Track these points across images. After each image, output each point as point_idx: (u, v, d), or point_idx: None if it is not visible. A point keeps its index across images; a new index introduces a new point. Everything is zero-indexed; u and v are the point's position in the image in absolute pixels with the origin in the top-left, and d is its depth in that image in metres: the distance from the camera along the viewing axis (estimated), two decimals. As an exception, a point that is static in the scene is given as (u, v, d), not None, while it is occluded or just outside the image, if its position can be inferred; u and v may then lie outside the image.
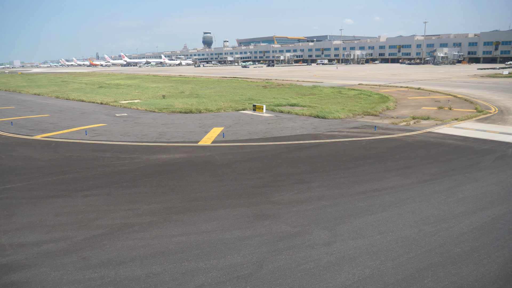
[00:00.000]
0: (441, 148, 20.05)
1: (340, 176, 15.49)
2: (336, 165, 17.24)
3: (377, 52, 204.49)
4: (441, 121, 28.47)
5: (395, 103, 39.58)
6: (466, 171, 15.95)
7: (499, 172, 15.66)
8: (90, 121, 32.02)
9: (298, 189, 13.98)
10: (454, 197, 12.96)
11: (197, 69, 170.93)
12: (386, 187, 14.05)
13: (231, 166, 17.30)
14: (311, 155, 19.08)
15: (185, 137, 24.20)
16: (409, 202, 12.56)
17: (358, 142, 21.82)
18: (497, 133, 23.70)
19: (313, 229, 10.71)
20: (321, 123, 28.59)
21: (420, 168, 16.51)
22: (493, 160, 17.60)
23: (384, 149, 20.06)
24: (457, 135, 23.47)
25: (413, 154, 19.00)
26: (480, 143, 21.04)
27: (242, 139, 23.29)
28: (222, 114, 34.93)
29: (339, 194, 13.39)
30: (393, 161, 17.65)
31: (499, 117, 29.74)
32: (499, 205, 12.19)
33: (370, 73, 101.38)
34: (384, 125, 27.49)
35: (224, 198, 13.29)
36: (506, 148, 19.78)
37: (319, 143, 21.90)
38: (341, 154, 19.25)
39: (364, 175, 15.63)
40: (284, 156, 19.08)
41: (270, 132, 25.56)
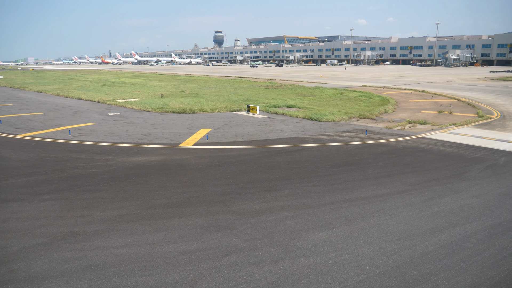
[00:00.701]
0: (429, 156, 19.05)
1: (313, 184, 14.66)
2: (313, 171, 16.41)
3: (388, 53, 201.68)
4: (438, 126, 27.37)
5: (394, 106, 38.46)
6: (449, 181, 14.98)
7: (485, 184, 14.65)
8: (80, 120, 31.66)
9: (264, 198, 13.21)
10: (428, 210, 12.05)
11: (206, 68, 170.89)
12: (358, 198, 13.19)
13: (203, 171, 16.60)
14: (290, 160, 18.28)
15: (168, 139, 23.60)
16: (378, 215, 11.70)
17: (344, 147, 20.93)
18: (493, 140, 22.56)
19: (265, 243, 9.95)
20: (312, 126, 27.72)
21: (401, 177, 15.59)
22: (482, 169, 16.57)
23: (369, 155, 19.15)
24: (451, 141, 22.41)
25: (398, 161, 18.06)
26: (472, 151, 19.97)
27: (225, 142, 22.59)
28: (215, 114, 34.27)
29: (306, 205, 12.58)
30: (374, 169, 16.74)
31: (500, 122, 28.48)
32: (475, 220, 11.25)
33: (377, 75, 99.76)
34: (377, 129, 26.52)
35: (184, 205, 12.59)
36: (499, 157, 18.70)
37: (303, 147, 21.07)
38: (323, 159, 18.40)
39: (339, 183, 14.78)
40: (262, 160, 18.32)
41: (257, 134, 24.81)
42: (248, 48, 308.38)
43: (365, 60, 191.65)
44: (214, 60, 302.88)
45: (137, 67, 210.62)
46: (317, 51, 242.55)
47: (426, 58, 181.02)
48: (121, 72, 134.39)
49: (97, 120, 31.20)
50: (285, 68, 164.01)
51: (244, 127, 27.77)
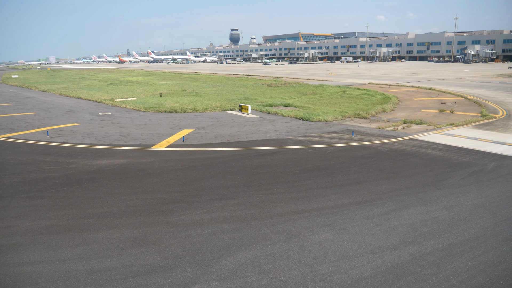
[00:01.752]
0: (412, 160, 17.58)
1: (271, 192, 13.50)
2: (277, 177, 15.23)
3: (405, 49, 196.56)
4: (434, 126, 25.68)
5: (395, 104, 36.72)
6: (422, 189, 13.56)
7: (461, 193, 13.18)
8: (68, 120, 31.26)
9: (210, 208, 12.14)
10: (385, 225, 10.74)
11: (218, 66, 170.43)
12: (313, 209, 11.96)
13: (161, 176, 15.65)
14: (259, 164, 17.13)
15: (144, 140, 22.78)
16: (326, 230, 10.47)
17: (323, 150, 19.64)
18: (488, 142, 20.84)
19: (184, 262, 8.88)
20: (300, 127, 26.45)
21: (371, 184, 14.25)
22: (464, 176, 15.05)
23: (346, 159, 17.81)
24: (442, 143, 20.80)
25: (375, 166, 16.67)
26: (462, 154, 18.37)
27: (201, 144, 21.61)
28: (206, 114, 33.36)
29: (251, 216, 11.44)
30: (345, 175, 15.43)
31: (503, 122, 26.54)
32: (434, 238, 9.89)
33: (390, 72, 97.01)
34: (367, 129, 25.06)
35: (120, 215, 11.65)
36: (489, 161, 17.08)
37: (279, 150, 19.88)
38: (294, 164, 17.18)
39: (299, 191, 13.57)
40: (229, 164, 17.23)
41: (239, 135, 23.74)
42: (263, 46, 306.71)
43: (381, 57, 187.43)
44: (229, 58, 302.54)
45: (151, 66, 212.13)
46: (332, 48, 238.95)
47: (444, 55, 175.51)
48: (133, 71, 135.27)
49: (84, 120, 30.71)
50: (298, 65, 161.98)
51: (229, 127, 26.74)
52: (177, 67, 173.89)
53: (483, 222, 10.82)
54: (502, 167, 16.16)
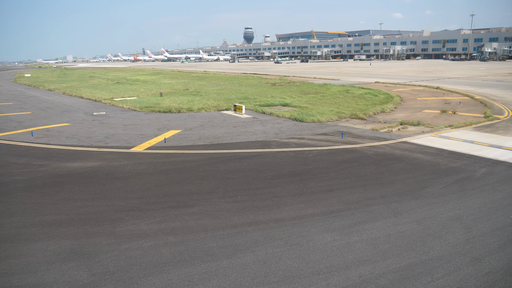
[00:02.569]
0: (397, 165, 16.50)
1: (234, 200, 12.68)
2: (247, 183, 14.40)
3: (420, 47, 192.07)
4: (431, 128, 24.43)
5: (396, 104, 35.39)
6: (397, 199, 12.53)
7: (439, 203, 12.11)
8: (60, 120, 31.05)
9: (163, 216, 11.40)
10: (343, 240, 9.81)
11: (230, 65, 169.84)
12: (272, 219, 11.10)
13: (127, 180, 14.99)
14: (233, 169, 16.32)
15: (127, 141, 22.23)
16: (277, 245, 9.60)
17: (305, 153, 18.70)
18: (485, 146, 19.55)
19: (111, 280, 8.17)
20: (291, 128, 25.52)
21: (343, 192, 13.28)
22: (448, 184, 13.93)
23: (326, 164, 16.84)
24: (434, 146, 19.61)
25: (355, 171, 15.67)
26: (453, 159, 17.19)
27: (183, 146, 20.93)
28: (199, 114, 32.71)
29: (203, 227, 10.65)
30: (320, 181, 14.50)
31: (506, 124, 25.07)
32: (393, 257, 8.93)
33: (401, 70, 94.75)
34: (360, 131, 23.97)
35: (67, 224, 11.02)
36: (479, 167, 15.87)
37: (260, 153, 19.02)
38: (270, 168, 16.31)
39: (264, 199, 12.71)
40: (202, 169, 16.47)
41: (224, 137, 22.98)
42: (276, 44, 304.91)
43: (395, 55, 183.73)
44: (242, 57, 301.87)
45: (163, 65, 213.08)
46: (345, 46, 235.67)
47: (460, 52, 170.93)
48: (143, 70, 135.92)
49: (76, 121, 30.42)
50: (309, 64, 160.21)
51: (218, 128, 26.00)
52: (188, 66, 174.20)
53: (454, 238, 9.78)
54: (492, 174, 14.96)
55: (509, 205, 11.86)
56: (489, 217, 11.04)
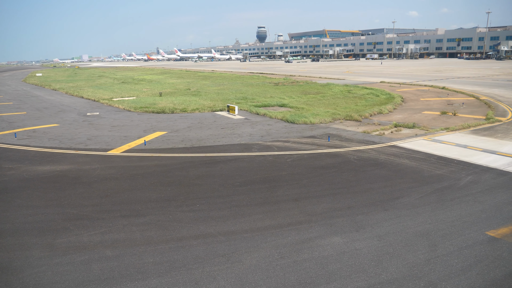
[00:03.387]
0: (377, 171, 15.51)
1: (191, 209, 11.94)
2: (212, 190, 13.65)
3: (434, 46, 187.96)
4: (426, 131, 23.27)
5: (397, 105, 34.17)
6: (365, 210, 11.60)
7: (410, 216, 11.13)
8: (51, 120, 30.84)
9: (111, 227, 10.76)
10: (291, 257, 8.97)
11: (240, 64, 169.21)
12: (223, 232, 10.32)
13: (90, 186, 14.41)
14: (203, 174, 15.59)
15: (107, 143, 21.74)
16: (216, 262, 8.84)
17: (285, 158, 17.85)
18: (478, 151, 18.37)
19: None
20: (280, 130, 24.68)
21: (310, 202, 12.42)
22: (427, 193, 12.92)
23: (303, 169, 15.96)
24: (423, 151, 18.52)
25: (330, 178, 14.76)
26: (439, 165, 16.11)
27: (162, 148, 20.31)
28: (192, 115, 32.10)
29: (146, 240, 9.94)
30: (289, 189, 13.65)
31: (507, 127, 23.72)
32: (338, 280, 8.06)
33: (411, 69, 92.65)
34: (351, 134, 22.98)
35: (9, 235, 10.50)
36: (466, 175, 14.78)
37: (237, 157, 18.25)
38: (242, 174, 15.52)
39: (223, 208, 11.94)
40: (172, 174, 15.80)
41: (207, 139, 22.30)
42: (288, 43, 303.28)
43: (408, 54, 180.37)
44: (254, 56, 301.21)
45: (175, 64, 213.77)
46: (358, 45, 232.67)
47: (475, 51, 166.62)
48: (153, 69, 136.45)
49: (66, 121, 30.15)
50: (320, 63, 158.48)
51: (205, 130, 25.33)
52: (198, 65, 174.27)
53: (414, 257, 8.83)
54: (477, 183, 13.86)
55: (486, 219, 10.81)
56: (461, 232, 10.04)
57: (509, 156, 17.34)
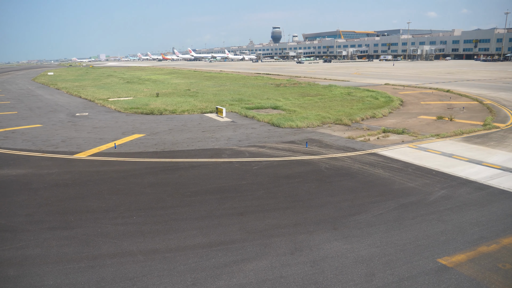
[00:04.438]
0: (343, 183, 14.34)
1: (126, 222, 11.06)
2: (158, 201, 12.75)
3: (450, 47, 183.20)
4: (415, 137, 21.92)
5: (393, 109, 32.75)
6: (312, 228, 10.50)
7: (358, 237, 9.98)
8: (36, 121, 30.54)
9: (30, 241, 9.98)
10: (204, 285, 7.93)
11: (252, 65, 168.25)
12: (145, 251, 9.38)
13: (35, 193, 13.73)
14: (158, 182, 14.70)
15: (78, 146, 21.11)
16: (122, 286, 7.86)
17: (252, 165, 16.82)
18: (463, 161, 16.98)
19: None
20: (261, 134, 23.67)
21: (256, 217, 11.38)
22: (389, 210, 11.73)
23: (265, 179, 14.91)
24: (402, 160, 17.24)
25: (289, 190, 13.68)
26: (414, 176, 14.84)
27: (131, 152, 19.54)
28: (179, 117, 31.36)
29: (60, 258, 9.10)
30: (240, 201, 12.63)
31: (502, 135, 22.14)
32: (248, 314, 6.98)
33: (422, 71, 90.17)
34: (334, 139, 21.79)
35: None
36: (439, 189, 13.49)
37: (203, 163, 17.31)
38: (198, 182, 14.56)
39: (160, 222, 11.03)
40: (126, 181, 14.97)
41: (182, 143, 21.47)
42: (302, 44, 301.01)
43: (423, 55, 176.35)
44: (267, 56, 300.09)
45: (187, 64, 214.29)
46: (372, 46, 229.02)
47: (493, 53, 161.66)
48: (162, 69, 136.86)
49: (51, 122, 29.75)
50: (331, 64, 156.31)
51: (185, 133, 24.50)
52: (209, 65, 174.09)
53: (342, 289, 7.70)
54: (448, 199, 12.57)
55: (444, 243, 9.58)
56: (409, 259, 8.84)
57: (495, 168, 15.92)
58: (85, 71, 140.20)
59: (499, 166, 16.09)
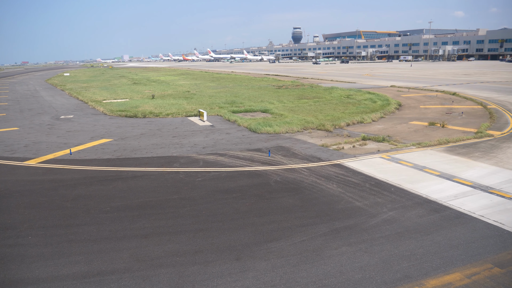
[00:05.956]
0: (285, 200, 12.88)
1: (15, 243, 10.06)
2: (72, 217, 11.71)
3: (474, 47, 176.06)
4: (394, 146, 20.19)
5: (386, 113, 30.86)
6: (212, 258, 9.12)
7: (257, 271, 8.55)
8: (17, 123, 30.31)
9: None
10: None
11: (268, 65, 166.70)
12: (16, 280, 8.21)
13: (-51, 205, 12.79)
14: (87, 194, 13.67)
15: (36, 152, 20.44)
16: None
17: (198, 176, 15.58)
18: (433, 175, 15.19)
19: None
20: (231, 140, 22.40)
21: (160, 240, 10.11)
22: (316, 236, 10.24)
23: (201, 193, 13.62)
24: (365, 173, 15.61)
25: (218, 208, 12.33)
26: (368, 194, 13.23)
27: (84, 160, 18.65)
28: (161, 120, 30.46)
29: None
30: (155, 220, 11.38)
31: (492, 144, 20.03)
32: None
33: (438, 72, 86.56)
34: (305, 147, 20.30)
35: None
36: (389, 210, 11.86)
37: (148, 172, 16.19)
38: (126, 196, 13.43)
39: (48, 245, 9.94)
40: (53, 192, 14.04)
41: (143, 150, 20.51)
42: (321, 44, 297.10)
43: (445, 56, 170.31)
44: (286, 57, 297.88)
45: (205, 65, 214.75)
46: (393, 47, 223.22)
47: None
48: (175, 70, 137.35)
49: (31, 125, 29.39)
50: (348, 65, 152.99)
51: (155, 138, 23.51)
52: (224, 66, 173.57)
53: None
54: (392, 223, 10.91)
55: (357, 283, 8.00)
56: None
57: (465, 184, 14.05)
58: (102, 72, 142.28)
59: (470, 183, 14.21)
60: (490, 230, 10.40)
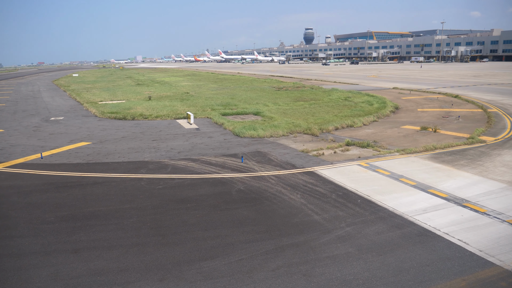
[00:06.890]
0: (240, 211, 12.09)
1: None
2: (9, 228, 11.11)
3: (488, 48, 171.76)
4: (377, 152, 19.23)
5: (379, 117, 29.84)
6: (136, 277, 8.39)
7: None
8: (5, 125, 30.33)
9: None
10: None
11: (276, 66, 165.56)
12: None
13: None
14: (37, 202, 13.18)
15: (8, 156, 20.21)
16: None
17: (160, 184, 14.89)
18: (408, 185, 14.22)
19: None
20: (210, 144, 21.72)
21: (88, 256, 9.42)
22: (255, 255, 9.43)
23: (155, 202, 12.94)
24: (336, 182, 14.74)
25: (164, 220, 11.61)
26: (331, 206, 12.34)
27: (53, 164, 18.22)
28: (147, 123, 30.06)
29: None
30: (87, 234, 10.68)
31: (482, 151, 18.87)
32: None
33: (447, 74, 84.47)
34: (284, 152, 19.50)
35: None
36: (348, 225, 10.99)
37: (110, 179, 15.61)
38: (74, 205, 12.82)
39: (-30, 260, 9.24)
40: (3, 200, 13.39)
41: (118, 154, 20.04)
42: (332, 45, 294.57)
43: (458, 57, 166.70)
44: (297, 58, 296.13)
45: (214, 65, 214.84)
46: (404, 48, 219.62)
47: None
48: (182, 71, 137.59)
49: (17, 127, 29.29)
50: (357, 66, 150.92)
51: (134, 141, 23.03)
52: (233, 67, 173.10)
53: None
54: (346, 240, 10.03)
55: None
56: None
57: (440, 196, 13.05)
58: (111, 72, 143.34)
59: (445, 195, 13.19)
60: (451, 250, 9.43)
